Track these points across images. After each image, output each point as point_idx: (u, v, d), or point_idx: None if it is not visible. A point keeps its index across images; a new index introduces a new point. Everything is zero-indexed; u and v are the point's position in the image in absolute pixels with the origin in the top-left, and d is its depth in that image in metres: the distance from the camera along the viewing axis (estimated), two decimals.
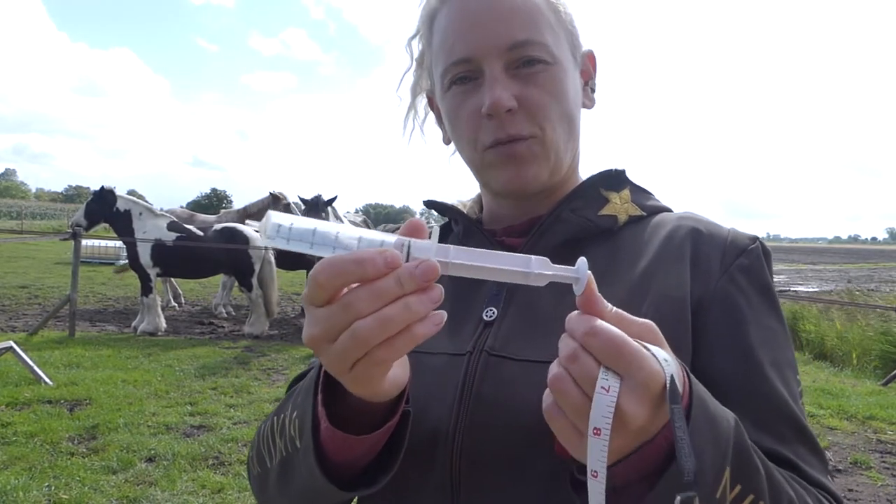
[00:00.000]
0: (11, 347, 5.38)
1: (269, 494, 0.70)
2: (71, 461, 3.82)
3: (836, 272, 28.63)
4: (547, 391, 0.48)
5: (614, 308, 0.47)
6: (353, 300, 0.45)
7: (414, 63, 0.82)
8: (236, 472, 3.83)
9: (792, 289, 18.37)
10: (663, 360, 0.45)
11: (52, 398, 5.01)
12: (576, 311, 0.47)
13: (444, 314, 0.48)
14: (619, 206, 0.75)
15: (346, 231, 0.47)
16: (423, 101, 0.85)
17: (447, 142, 0.82)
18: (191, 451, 4.08)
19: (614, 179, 0.78)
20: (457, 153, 0.79)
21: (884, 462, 4.43)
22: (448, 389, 0.67)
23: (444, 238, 0.74)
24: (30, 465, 3.75)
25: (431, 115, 0.85)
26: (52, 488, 3.45)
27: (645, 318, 0.62)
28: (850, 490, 3.91)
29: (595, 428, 0.43)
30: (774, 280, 0.72)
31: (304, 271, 9.45)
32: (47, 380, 5.40)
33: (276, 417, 0.67)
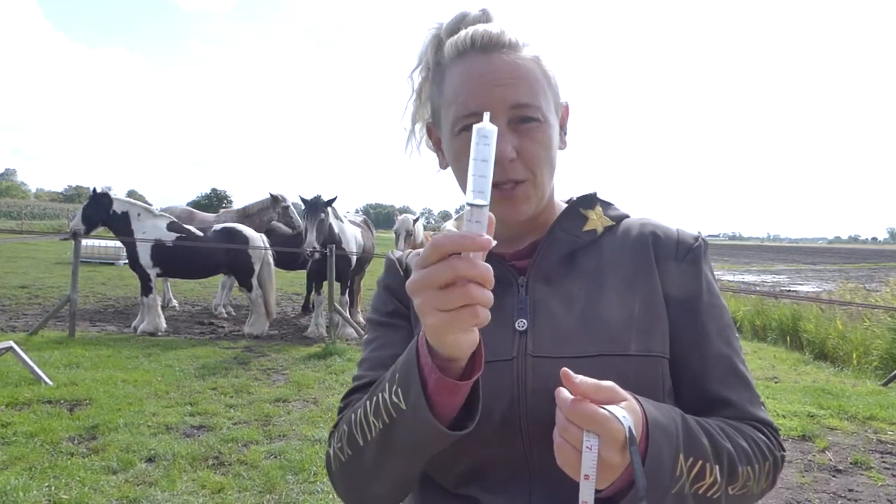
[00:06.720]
0: (11, 347, 5.38)
1: (363, 471, 0.81)
2: (71, 461, 3.82)
3: (836, 272, 28.62)
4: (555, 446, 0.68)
5: (584, 379, 0.66)
6: (455, 262, 0.61)
7: (415, 94, 0.98)
8: (236, 472, 3.82)
9: (792, 289, 18.37)
10: (622, 416, 0.63)
11: (52, 398, 5.01)
12: (566, 394, 0.66)
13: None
14: (595, 220, 0.95)
15: None
16: (419, 127, 1.00)
17: (444, 167, 0.96)
18: (191, 451, 4.08)
19: (589, 200, 0.98)
20: (441, 170, 0.96)
21: (884, 462, 4.42)
22: (505, 387, 0.84)
23: None
24: (30, 465, 3.74)
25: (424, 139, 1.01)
26: (52, 488, 3.45)
27: (637, 316, 0.86)
28: (850, 490, 3.90)
29: (585, 475, 0.62)
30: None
31: (304, 272, 9.46)
32: (47, 380, 5.40)
33: (367, 403, 0.79)
